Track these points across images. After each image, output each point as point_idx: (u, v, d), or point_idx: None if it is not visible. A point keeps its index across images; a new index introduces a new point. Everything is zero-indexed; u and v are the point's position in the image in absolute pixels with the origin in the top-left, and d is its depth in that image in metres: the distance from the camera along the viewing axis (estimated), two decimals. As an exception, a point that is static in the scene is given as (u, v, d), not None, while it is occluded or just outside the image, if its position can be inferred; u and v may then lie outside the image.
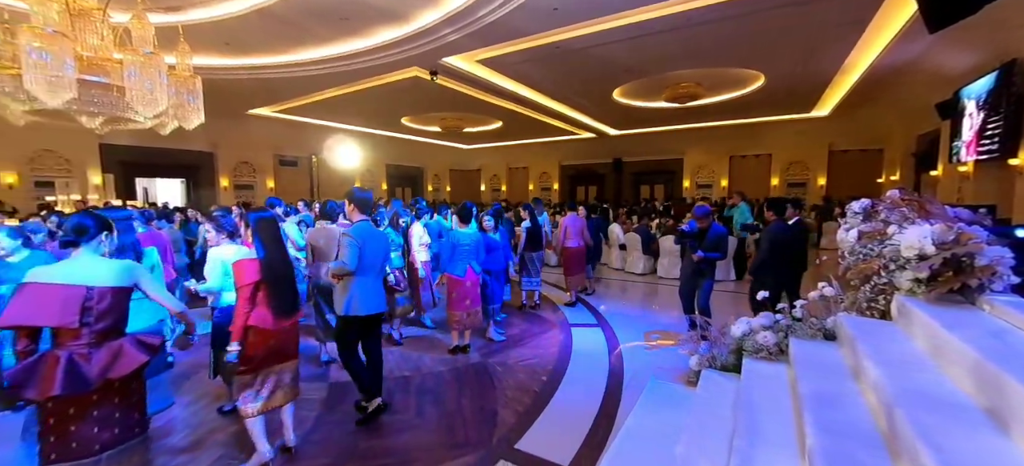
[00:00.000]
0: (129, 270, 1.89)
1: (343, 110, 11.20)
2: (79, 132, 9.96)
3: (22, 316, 1.68)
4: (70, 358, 1.68)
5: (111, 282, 1.81)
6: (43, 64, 3.60)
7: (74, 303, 1.71)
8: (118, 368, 1.77)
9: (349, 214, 3.11)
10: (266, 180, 13.54)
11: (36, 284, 1.72)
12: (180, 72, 4.84)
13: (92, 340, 1.76)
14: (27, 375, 1.65)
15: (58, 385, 1.63)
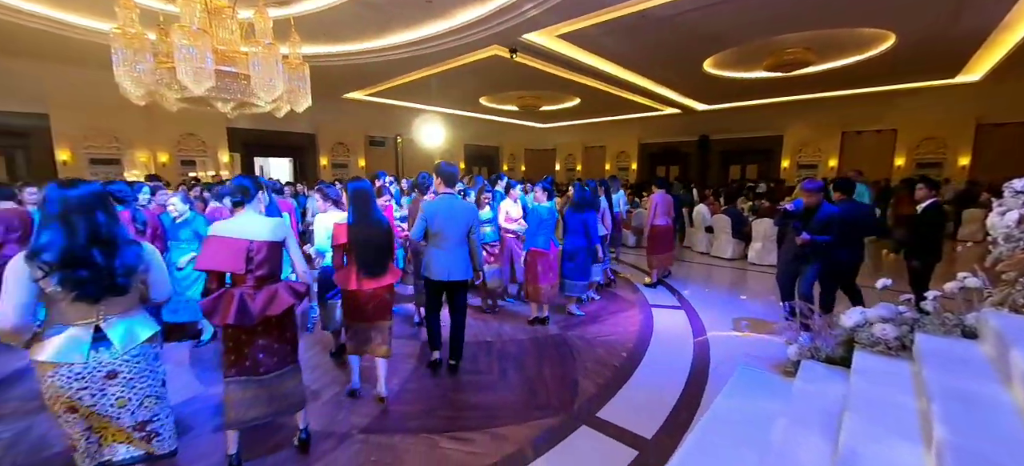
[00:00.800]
0: (281, 227, 2.24)
1: (426, 92, 11.73)
2: (212, 118, 11.68)
3: (208, 262, 2.10)
4: (241, 296, 2.08)
5: (267, 237, 2.16)
6: (190, 57, 4.23)
7: (241, 253, 2.09)
8: (274, 307, 2.14)
9: (436, 187, 3.29)
10: (358, 159, 14.72)
11: (217, 237, 2.12)
12: (292, 61, 5.39)
13: (255, 283, 2.13)
14: (213, 306, 2.09)
15: (232, 316, 2.04)
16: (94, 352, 1.61)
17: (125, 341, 1.66)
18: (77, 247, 1.54)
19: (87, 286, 1.56)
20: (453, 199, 3.20)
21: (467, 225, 3.19)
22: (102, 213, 1.61)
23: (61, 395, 1.59)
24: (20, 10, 6.32)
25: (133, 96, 4.74)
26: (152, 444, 1.81)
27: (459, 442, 2.53)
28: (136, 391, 1.73)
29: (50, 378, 1.57)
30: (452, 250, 3.17)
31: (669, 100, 13.04)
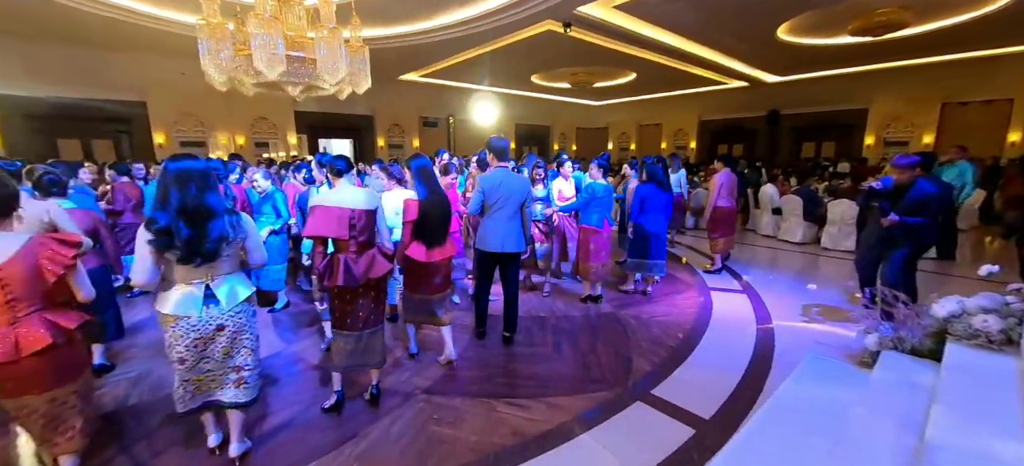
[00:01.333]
0: (374, 197, 2.43)
1: (478, 71, 11.78)
2: (281, 102, 12.54)
3: (315, 229, 2.32)
4: (346, 261, 2.30)
5: (364, 206, 2.36)
6: (264, 44, 4.55)
7: (344, 221, 2.30)
8: (374, 271, 2.35)
9: (489, 161, 3.35)
10: (412, 139, 15.20)
11: (321, 206, 2.33)
12: (353, 44, 5.62)
13: (357, 249, 2.34)
14: (326, 269, 2.32)
15: (340, 278, 2.28)
16: (206, 307, 1.84)
17: (229, 299, 1.89)
18: (172, 216, 1.74)
19: (183, 250, 1.76)
20: (507, 172, 3.25)
21: (522, 198, 3.23)
22: (194, 186, 1.78)
23: (179, 341, 1.84)
24: (124, 8, 7.07)
25: (216, 82, 5.19)
26: (240, 391, 2.05)
27: (515, 407, 2.63)
28: (237, 344, 1.97)
29: (172, 328, 1.82)
30: (507, 222, 3.22)
31: (735, 72, 12.14)
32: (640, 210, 4.35)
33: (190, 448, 2.25)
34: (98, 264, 2.82)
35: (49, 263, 1.66)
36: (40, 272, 1.65)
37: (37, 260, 1.65)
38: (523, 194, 3.24)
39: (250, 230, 1.97)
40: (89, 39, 8.42)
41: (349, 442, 2.31)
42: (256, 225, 3.99)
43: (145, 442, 2.32)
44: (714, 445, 2.24)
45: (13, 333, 1.61)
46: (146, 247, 1.73)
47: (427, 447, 2.28)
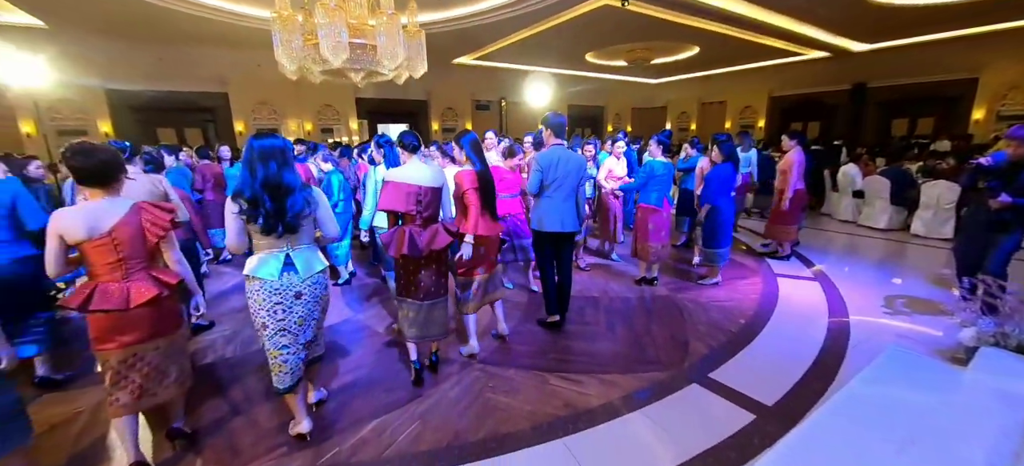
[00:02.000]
0: (440, 175, 2.53)
1: (531, 52, 11.64)
2: (344, 89, 13.22)
3: (386, 203, 2.50)
4: (411, 233, 2.46)
5: (430, 183, 2.49)
6: (329, 33, 4.82)
7: (412, 196, 2.45)
8: (436, 243, 2.49)
9: (545, 139, 3.32)
10: (465, 122, 15.43)
11: (392, 182, 2.50)
12: (410, 29, 5.78)
13: (421, 223, 2.49)
14: (390, 239, 2.50)
15: (405, 248, 2.44)
16: (285, 274, 2.01)
17: (305, 269, 2.05)
18: (255, 189, 1.91)
19: (264, 221, 1.92)
20: (564, 150, 3.19)
21: (579, 176, 3.18)
22: (275, 163, 1.93)
23: (262, 305, 2.02)
24: (210, 6, 7.75)
25: (288, 71, 5.57)
26: (309, 351, 2.23)
27: (568, 381, 2.67)
28: (311, 311, 2.13)
29: (256, 291, 2.01)
30: (564, 201, 3.17)
31: (815, 42, 10.99)
32: (715, 193, 4.10)
33: (275, 396, 2.52)
34: (185, 237, 3.17)
35: (151, 226, 1.92)
36: (143, 233, 1.91)
37: (140, 223, 1.91)
38: (579, 172, 3.18)
39: (321, 203, 2.12)
40: (179, 37, 9.30)
41: (412, 402, 2.48)
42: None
43: (239, 389, 2.65)
44: (776, 433, 2.15)
45: (124, 286, 1.86)
46: (233, 217, 1.93)
47: (483, 412, 2.39)
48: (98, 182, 1.83)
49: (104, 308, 1.80)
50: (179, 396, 2.15)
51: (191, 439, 2.21)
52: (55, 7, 7.13)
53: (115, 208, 1.86)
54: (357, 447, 2.15)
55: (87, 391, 2.65)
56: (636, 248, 4.32)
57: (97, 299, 1.79)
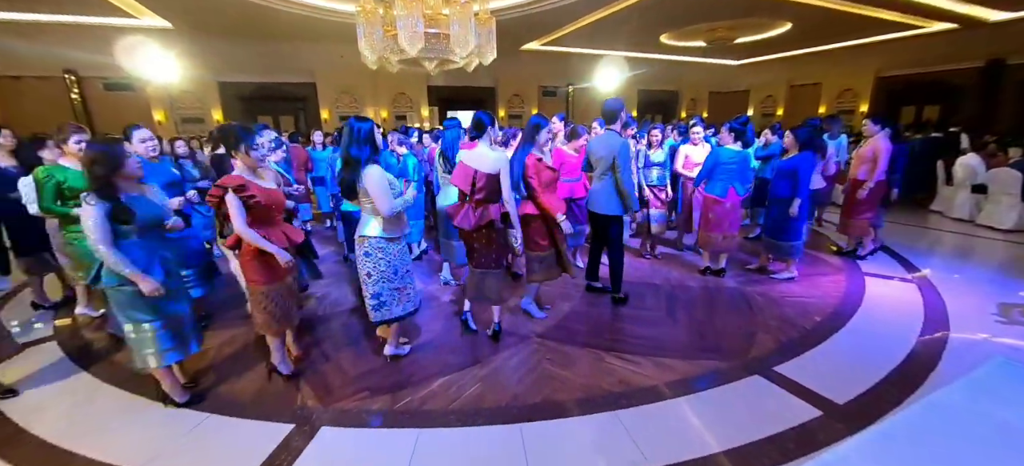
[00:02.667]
0: (502, 161, 2.72)
1: (601, 35, 11.37)
2: (417, 77, 13.88)
3: (454, 180, 2.81)
4: (467, 209, 2.73)
5: (487, 169, 2.66)
6: (407, 23, 5.14)
7: (469, 178, 2.68)
8: (483, 219, 2.72)
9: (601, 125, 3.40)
10: (532, 108, 15.52)
11: (461, 162, 2.78)
12: (481, 16, 5.96)
13: (475, 203, 2.73)
14: (454, 211, 2.82)
15: (459, 220, 2.75)
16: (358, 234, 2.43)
17: (365, 231, 2.42)
18: (341, 163, 2.32)
19: (342, 187, 2.35)
20: (609, 135, 3.28)
21: (609, 158, 3.21)
22: (348, 138, 2.32)
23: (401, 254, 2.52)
24: (302, 4, 8.53)
25: (369, 62, 6.04)
26: (376, 312, 2.55)
27: (624, 361, 2.73)
28: (373, 269, 2.45)
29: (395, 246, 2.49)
30: (598, 183, 3.35)
31: (937, 11, 9.47)
32: (784, 184, 3.83)
33: (358, 349, 2.92)
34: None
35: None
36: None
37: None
38: (610, 155, 3.20)
39: (369, 180, 2.32)
40: (277, 34, 10.35)
41: (474, 366, 2.70)
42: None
43: (330, 342, 3.06)
44: (844, 432, 2.06)
45: (280, 230, 2.38)
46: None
47: (540, 380, 2.54)
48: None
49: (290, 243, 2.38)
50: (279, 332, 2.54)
51: (293, 377, 2.61)
52: (181, 10, 8.31)
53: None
54: (426, 398, 2.41)
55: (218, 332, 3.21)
56: (699, 237, 4.20)
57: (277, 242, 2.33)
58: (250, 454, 2.02)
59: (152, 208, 2.15)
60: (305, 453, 2.02)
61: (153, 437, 2.16)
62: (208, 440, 2.15)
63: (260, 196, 2.25)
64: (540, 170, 2.93)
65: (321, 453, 2.04)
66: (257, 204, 2.24)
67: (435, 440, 2.10)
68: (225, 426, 2.24)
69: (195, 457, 2.03)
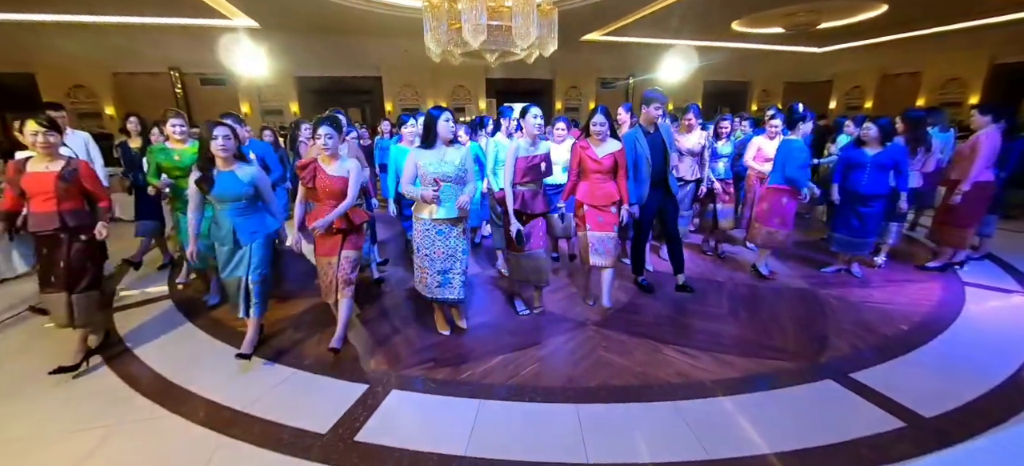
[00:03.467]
0: (548, 150, 2.95)
1: (667, 24, 10.92)
2: (475, 70, 14.10)
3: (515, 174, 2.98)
4: (525, 194, 2.93)
5: (543, 152, 2.91)
6: (471, 17, 5.28)
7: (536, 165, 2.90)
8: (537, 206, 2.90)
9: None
10: (589, 101, 15.28)
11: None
12: (544, 7, 5.97)
13: (539, 184, 2.97)
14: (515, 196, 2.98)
15: (516, 205, 2.93)
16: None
17: (446, 213, 2.61)
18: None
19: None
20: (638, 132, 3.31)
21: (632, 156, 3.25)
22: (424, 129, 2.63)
23: (424, 237, 2.67)
24: (372, 0, 8.99)
25: (433, 55, 6.27)
26: (444, 291, 2.76)
27: (683, 354, 2.69)
28: (448, 247, 2.65)
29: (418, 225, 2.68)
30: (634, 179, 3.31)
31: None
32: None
33: (419, 323, 3.11)
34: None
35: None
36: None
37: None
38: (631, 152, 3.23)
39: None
40: (347, 30, 10.98)
41: (532, 347, 2.80)
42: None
43: (397, 315, 3.30)
44: (930, 446, 1.90)
45: (324, 209, 2.61)
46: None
47: (597, 365, 2.58)
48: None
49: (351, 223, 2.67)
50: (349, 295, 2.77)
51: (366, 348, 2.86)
52: (266, 11, 9.09)
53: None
54: (486, 373, 2.53)
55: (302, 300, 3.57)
56: (749, 228, 4.03)
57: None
58: (331, 407, 2.25)
59: (226, 186, 2.46)
60: (378, 411, 2.22)
61: (250, 384, 2.48)
62: (296, 391, 2.42)
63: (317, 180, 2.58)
64: (583, 159, 3.06)
65: (392, 411, 2.23)
66: (311, 186, 2.59)
67: (495, 411, 2.22)
68: (309, 381, 2.51)
69: (286, 404, 2.30)
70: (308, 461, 1.91)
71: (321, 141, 2.53)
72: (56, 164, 2.42)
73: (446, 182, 2.63)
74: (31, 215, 2.46)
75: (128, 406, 2.30)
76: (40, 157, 2.41)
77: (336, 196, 2.60)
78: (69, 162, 2.47)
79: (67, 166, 2.44)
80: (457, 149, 2.69)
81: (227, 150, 2.44)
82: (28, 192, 2.40)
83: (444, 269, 2.73)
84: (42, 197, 2.40)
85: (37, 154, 2.41)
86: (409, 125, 3.55)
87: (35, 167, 2.41)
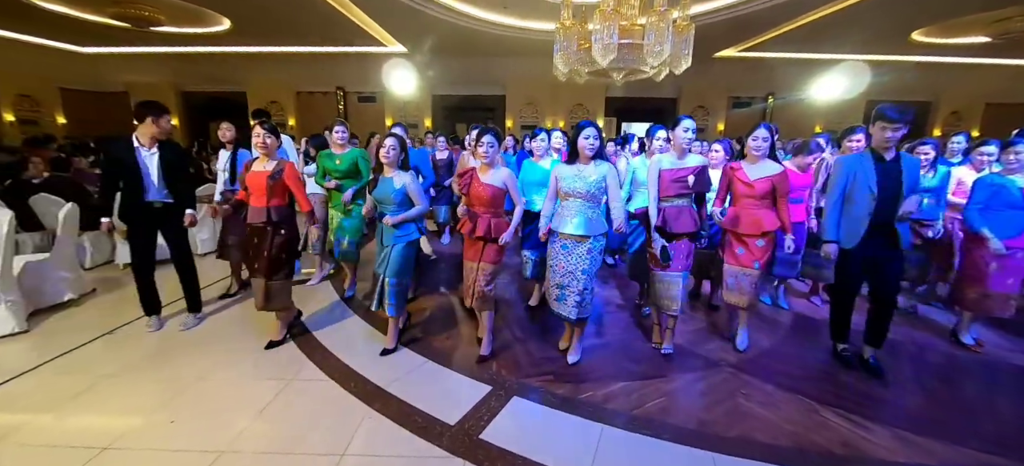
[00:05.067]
0: (703, 163, 2.73)
1: (821, 37, 9.58)
2: (596, 88, 14.06)
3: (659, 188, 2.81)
4: (668, 211, 2.76)
5: (693, 165, 2.71)
6: (602, 36, 5.26)
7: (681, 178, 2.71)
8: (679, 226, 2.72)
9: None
10: (717, 122, 14.11)
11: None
12: (680, 23, 5.70)
13: (686, 200, 2.75)
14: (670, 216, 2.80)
15: (659, 221, 2.76)
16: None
17: (572, 229, 2.58)
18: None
19: None
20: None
21: (843, 179, 2.71)
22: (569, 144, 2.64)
23: (550, 248, 2.69)
24: (506, 25, 9.58)
25: (560, 74, 6.38)
26: (559, 306, 2.68)
27: (848, 421, 2.26)
28: (569, 264, 2.60)
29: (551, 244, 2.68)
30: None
31: None
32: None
33: (539, 336, 3.14)
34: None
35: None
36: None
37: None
38: (844, 178, 2.67)
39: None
40: (478, 51, 11.82)
41: (657, 379, 2.61)
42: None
43: (518, 324, 3.38)
44: None
45: (492, 221, 2.69)
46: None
47: (735, 414, 2.30)
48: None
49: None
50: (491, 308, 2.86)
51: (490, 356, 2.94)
52: (415, 36, 10.30)
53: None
54: (607, 397, 2.44)
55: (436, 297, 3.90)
56: (957, 294, 3.13)
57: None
58: (457, 400, 2.38)
59: (384, 188, 2.75)
60: (502, 413, 2.28)
61: (391, 365, 2.77)
62: (427, 379, 2.62)
63: (473, 187, 2.73)
64: (733, 182, 2.81)
65: (514, 417, 2.27)
66: (466, 193, 2.76)
67: (619, 439, 2.11)
68: (438, 372, 2.70)
69: (418, 389, 2.50)
70: (438, 447, 2.04)
71: (482, 149, 2.64)
72: (270, 164, 2.87)
73: (575, 198, 2.59)
74: (248, 208, 2.85)
75: (299, 369, 2.73)
76: (261, 158, 2.90)
77: (489, 203, 2.69)
78: (279, 163, 2.90)
79: (277, 166, 2.87)
80: (597, 166, 2.60)
81: (390, 158, 2.74)
82: (249, 188, 2.88)
83: (561, 284, 2.65)
84: (257, 193, 2.81)
85: (259, 154, 2.90)
86: (540, 139, 3.58)
87: (256, 167, 2.89)
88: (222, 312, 3.57)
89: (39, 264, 3.50)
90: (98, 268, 4.58)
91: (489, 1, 8.38)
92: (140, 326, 3.26)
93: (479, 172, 2.73)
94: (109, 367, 2.73)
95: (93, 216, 4.54)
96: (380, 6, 8.31)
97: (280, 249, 2.86)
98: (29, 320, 3.25)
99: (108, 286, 4.07)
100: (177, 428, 2.18)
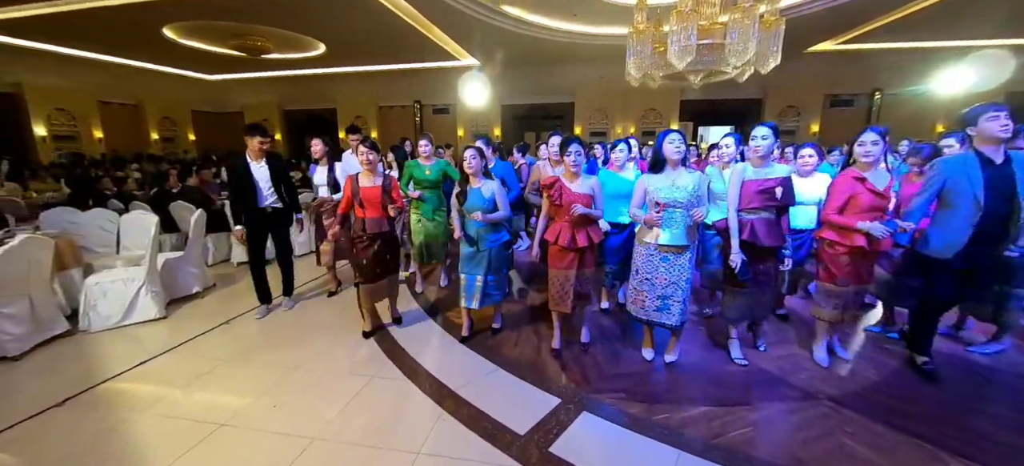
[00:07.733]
0: (789, 173, 2.59)
1: (938, 23, 8.31)
2: (670, 92, 13.40)
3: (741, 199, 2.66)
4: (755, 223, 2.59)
5: (779, 174, 2.56)
6: (679, 38, 5.01)
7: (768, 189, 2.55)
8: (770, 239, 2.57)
9: None
10: (810, 124, 12.78)
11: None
12: (767, 18, 5.26)
13: (771, 212, 2.59)
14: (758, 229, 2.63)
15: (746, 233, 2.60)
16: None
17: (671, 240, 2.51)
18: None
19: None
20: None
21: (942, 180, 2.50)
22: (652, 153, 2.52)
23: (646, 262, 2.63)
24: (575, 32, 9.51)
25: (633, 79, 6.18)
26: (662, 316, 2.63)
27: (984, 476, 1.91)
28: (671, 275, 2.55)
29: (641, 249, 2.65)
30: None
31: None
32: None
33: (610, 348, 3.06)
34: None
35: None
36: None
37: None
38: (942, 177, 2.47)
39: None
40: (547, 60, 11.88)
41: (742, 406, 2.41)
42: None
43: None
44: None
45: (558, 224, 2.77)
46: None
47: (835, 454, 2.04)
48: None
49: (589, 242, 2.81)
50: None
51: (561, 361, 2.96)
52: (487, 50, 10.62)
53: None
54: (685, 421, 2.29)
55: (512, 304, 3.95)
56: None
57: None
58: (527, 411, 2.39)
59: (473, 198, 2.89)
60: (570, 428, 2.25)
61: (463, 368, 2.86)
62: (497, 386, 2.66)
63: (564, 196, 2.71)
64: (857, 193, 2.48)
65: (583, 433, 2.23)
66: (559, 203, 2.72)
67: (698, 468, 1.98)
68: (507, 380, 2.73)
69: (490, 396, 2.55)
70: (508, 456, 2.06)
71: (571, 158, 2.66)
72: (378, 179, 3.13)
73: (676, 208, 2.48)
74: (367, 220, 3.10)
75: (380, 367, 2.92)
76: (366, 173, 3.13)
77: (567, 212, 2.70)
78: (386, 177, 3.18)
79: (386, 180, 3.15)
80: (690, 174, 2.51)
81: (472, 167, 2.89)
82: (364, 202, 3.08)
83: (665, 295, 2.59)
84: (372, 205, 3.09)
85: (363, 169, 3.13)
86: (619, 150, 3.49)
87: (365, 182, 3.12)
88: (318, 310, 3.95)
89: (176, 261, 4.13)
90: (217, 265, 5.29)
91: (559, 10, 8.39)
92: (250, 317, 3.73)
93: (567, 181, 2.75)
94: (226, 352, 3.15)
95: (215, 220, 5.26)
96: (456, 23, 8.71)
97: (394, 250, 3.30)
98: (167, 308, 3.85)
99: (225, 281, 4.69)
100: (277, 412, 2.44)
